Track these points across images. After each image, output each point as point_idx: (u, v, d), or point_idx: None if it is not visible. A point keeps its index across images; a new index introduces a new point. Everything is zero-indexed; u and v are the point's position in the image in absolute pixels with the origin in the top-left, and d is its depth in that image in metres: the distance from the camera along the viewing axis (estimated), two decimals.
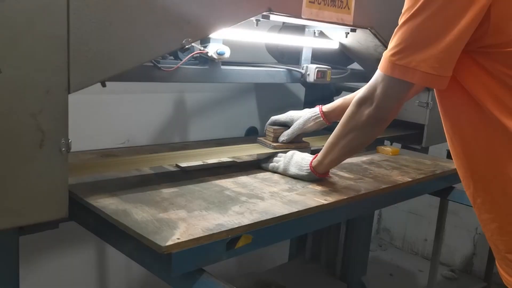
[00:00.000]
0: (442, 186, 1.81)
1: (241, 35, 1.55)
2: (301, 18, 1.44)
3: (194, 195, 1.21)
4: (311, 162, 1.39)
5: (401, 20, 0.99)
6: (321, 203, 1.22)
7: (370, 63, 2.02)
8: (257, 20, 1.42)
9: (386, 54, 1.03)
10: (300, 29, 1.85)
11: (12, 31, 0.90)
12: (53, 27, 0.95)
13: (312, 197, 1.26)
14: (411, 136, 2.14)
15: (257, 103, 2.53)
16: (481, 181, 1.03)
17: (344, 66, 2.15)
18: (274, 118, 1.63)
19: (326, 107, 1.56)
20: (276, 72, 1.79)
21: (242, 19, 1.29)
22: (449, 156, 2.32)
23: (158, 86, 1.97)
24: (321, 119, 1.54)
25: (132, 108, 2.01)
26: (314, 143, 1.69)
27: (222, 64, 1.57)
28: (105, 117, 1.92)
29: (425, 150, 2.16)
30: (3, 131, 0.92)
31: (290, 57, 2.03)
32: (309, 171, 1.38)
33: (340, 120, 1.61)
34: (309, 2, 1.44)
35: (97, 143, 1.76)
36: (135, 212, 1.07)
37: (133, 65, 1.11)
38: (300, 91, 2.53)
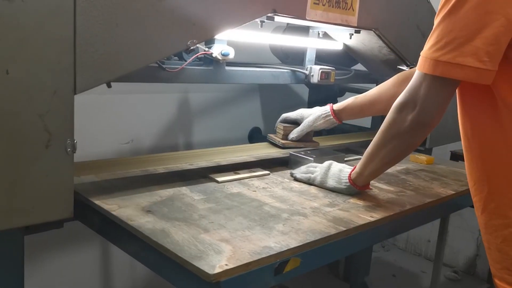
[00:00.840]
0: None
1: (245, 36, 1.55)
2: (305, 19, 1.44)
3: (232, 212, 1.14)
4: (350, 174, 1.31)
5: (438, 18, 0.94)
6: (368, 221, 1.15)
7: (374, 64, 2.02)
8: (262, 22, 1.42)
9: (424, 53, 0.96)
10: (304, 30, 1.85)
11: (20, 32, 0.90)
12: (60, 29, 0.95)
13: (356, 213, 1.20)
14: None
15: (261, 103, 2.53)
16: (498, 184, 1.00)
17: (348, 67, 2.15)
18: (284, 115, 1.63)
19: (337, 106, 1.55)
20: (280, 73, 1.80)
21: (246, 20, 1.30)
22: (452, 157, 2.33)
23: (163, 86, 1.98)
24: (331, 117, 1.53)
25: (137, 108, 2.02)
26: (323, 142, 1.69)
27: (227, 65, 1.57)
28: (110, 117, 1.93)
29: (428, 152, 2.16)
30: (10, 132, 0.92)
31: (294, 58, 2.03)
32: (348, 184, 1.30)
33: (350, 119, 1.61)
34: (314, 3, 1.44)
35: (102, 143, 1.77)
36: (174, 232, 0.99)
37: (138, 66, 1.11)
38: (304, 92, 2.54)
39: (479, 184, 1.04)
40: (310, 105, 2.46)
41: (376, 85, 2.22)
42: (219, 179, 1.36)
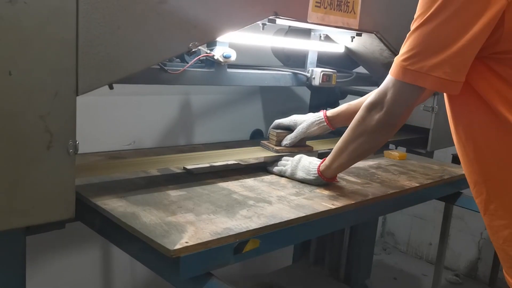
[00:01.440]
0: (450, 192, 1.80)
1: (247, 38, 1.56)
2: (307, 22, 1.45)
3: (202, 198, 1.21)
4: (319, 166, 1.38)
5: (413, 26, 0.99)
6: (329, 208, 1.21)
7: (375, 67, 2.02)
8: (263, 24, 1.43)
9: (397, 59, 1.02)
10: (306, 32, 1.86)
11: (22, 34, 0.91)
12: (62, 31, 0.96)
13: (319, 201, 1.26)
14: (416, 140, 2.14)
15: (263, 105, 2.54)
16: (495, 187, 1.02)
17: (349, 69, 2.16)
18: (277, 121, 1.63)
19: (331, 112, 1.56)
20: (282, 75, 1.80)
21: (248, 23, 1.30)
22: (454, 160, 2.33)
23: (164, 88, 1.98)
24: (325, 124, 1.53)
25: (139, 110, 2.03)
26: (317, 146, 1.69)
27: (228, 67, 1.58)
28: (112, 118, 1.94)
29: (430, 154, 2.16)
30: (12, 133, 0.93)
31: (295, 60, 2.03)
32: (317, 175, 1.38)
33: (344, 125, 1.62)
34: (315, 6, 1.45)
35: (104, 144, 1.77)
36: (144, 215, 1.07)
37: (140, 68, 1.12)
38: (305, 94, 2.54)
39: (478, 187, 1.06)
40: (312, 107, 2.47)
41: (377, 87, 2.23)
42: (194, 170, 1.41)
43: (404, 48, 1.01)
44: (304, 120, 1.57)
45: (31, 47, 0.93)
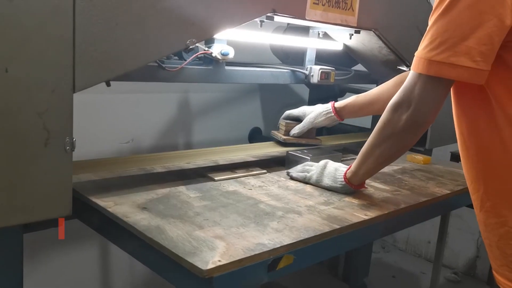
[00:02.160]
0: None
1: (245, 36, 1.55)
2: (305, 19, 1.45)
3: (228, 209, 1.15)
4: (345, 173, 1.31)
5: (432, 18, 0.95)
6: (363, 219, 1.16)
7: (374, 65, 2.02)
8: (261, 21, 1.42)
9: (419, 53, 0.97)
10: (305, 30, 1.85)
11: (19, 31, 0.91)
12: (59, 28, 0.96)
13: (351, 211, 1.20)
14: None
15: (261, 103, 2.53)
16: (494, 184, 1.01)
17: (348, 67, 2.16)
18: (287, 112, 1.68)
19: (338, 104, 1.59)
20: (280, 73, 1.80)
21: (246, 20, 1.30)
22: (452, 158, 2.33)
23: (163, 86, 1.98)
24: (332, 114, 1.57)
25: (137, 108, 2.03)
26: (326, 141, 1.71)
27: (226, 65, 1.58)
28: (110, 116, 1.94)
29: (428, 152, 2.16)
30: (10, 130, 0.93)
31: (294, 58, 2.03)
32: (344, 183, 1.31)
33: (351, 117, 1.63)
34: (313, 3, 1.44)
35: (102, 142, 1.77)
36: (169, 228, 1.00)
37: (138, 66, 1.12)
38: (304, 92, 2.54)
39: (476, 183, 1.05)
40: (310, 105, 2.47)
41: (376, 85, 2.22)
42: (216, 177, 1.38)
43: (425, 41, 0.95)
44: (312, 111, 1.62)
45: (28, 45, 0.92)
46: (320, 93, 2.41)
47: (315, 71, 1.82)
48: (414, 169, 1.75)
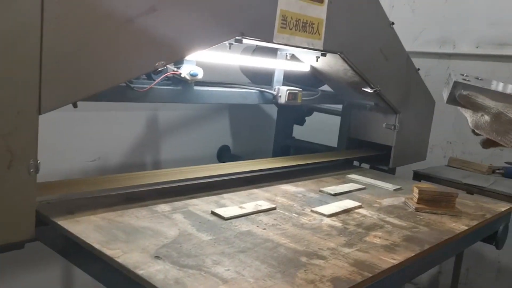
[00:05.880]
0: (492, 231, 1.70)
1: (214, 57, 1.57)
2: (272, 42, 1.48)
3: (247, 254, 1.08)
4: None
5: None
6: (392, 264, 1.12)
7: (340, 86, 2.08)
8: (230, 44, 1.45)
9: None
10: (273, 51, 1.89)
11: None
12: (26, 48, 0.95)
13: (377, 255, 1.17)
14: (379, 157, 2.21)
15: (230, 121, 2.55)
16: None
17: (316, 87, 2.21)
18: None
19: None
20: (249, 93, 1.82)
21: (215, 43, 1.32)
22: (415, 177, 2.40)
23: (131, 104, 1.97)
24: None
25: (104, 126, 2.01)
26: (290, 162, 1.69)
27: (195, 85, 1.59)
28: (76, 134, 1.91)
29: (392, 171, 2.23)
30: None
31: (263, 77, 2.07)
32: None
33: None
34: (281, 27, 1.48)
35: (68, 160, 1.74)
36: (190, 283, 0.90)
37: (106, 87, 1.12)
38: (273, 110, 2.58)
39: None
40: (279, 124, 2.51)
41: (343, 106, 2.30)
42: (225, 215, 1.31)
43: None
44: None
45: None
46: (289, 112, 2.45)
47: (282, 92, 1.85)
48: None
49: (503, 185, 2.25)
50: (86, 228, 1.11)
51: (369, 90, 1.95)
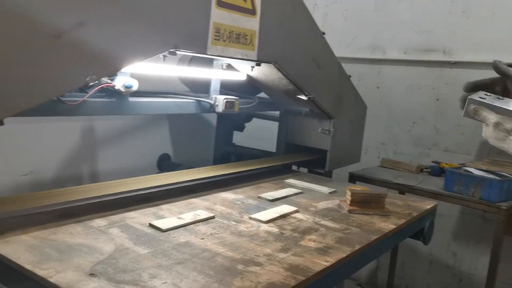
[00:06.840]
0: (418, 228, 1.79)
1: (149, 68, 1.57)
2: (206, 54, 1.50)
3: (185, 266, 1.09)
4: None
5: None
6: (324, 266, 1.17)
7: (275, 93, 2.14)
8: (164, 56, 1.46)
9: None
10: (210, 60, 1.91)
11: None
12: None
13: (310, 258, 1.20)
14: (316, 161, 2.29)
15: (170, 130, 2.55)
16: None
17: (253, 94, 2.25)
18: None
19: None
20: (186, 103, 1.83)
21: (148, 56, 1.33)
22: (351, 179, 2.52)
23: None
24: None
25: (36, 138, 1.94)
26: (230, 169, 1.72)
27: (131, 96, 1.57)
28: (5, 147, 1.83)
29: (329, 174, 2.32)
30: None
31: (202, 86, 2.08)
32: None
33: None
34: (215, 39, 1.51)
35: None
36: None
37: (35, 104, 1.09)
38: (212, 118, 2.60)
39: None
40: (219, 131, 2.54)
41: (280, 112, 2.36)
42: (163, 227, 1.31)
43: None
44: None
45: None
46: (228, 119, 2.49)
47: (219, 101, 1.88)
48: None
49: (430, 183, 2.41)
50: (17, 248, 1.08)
51: (303, 97, 2.02)
